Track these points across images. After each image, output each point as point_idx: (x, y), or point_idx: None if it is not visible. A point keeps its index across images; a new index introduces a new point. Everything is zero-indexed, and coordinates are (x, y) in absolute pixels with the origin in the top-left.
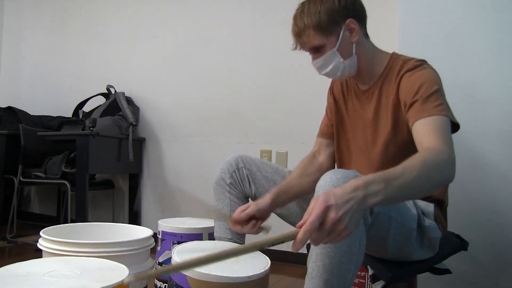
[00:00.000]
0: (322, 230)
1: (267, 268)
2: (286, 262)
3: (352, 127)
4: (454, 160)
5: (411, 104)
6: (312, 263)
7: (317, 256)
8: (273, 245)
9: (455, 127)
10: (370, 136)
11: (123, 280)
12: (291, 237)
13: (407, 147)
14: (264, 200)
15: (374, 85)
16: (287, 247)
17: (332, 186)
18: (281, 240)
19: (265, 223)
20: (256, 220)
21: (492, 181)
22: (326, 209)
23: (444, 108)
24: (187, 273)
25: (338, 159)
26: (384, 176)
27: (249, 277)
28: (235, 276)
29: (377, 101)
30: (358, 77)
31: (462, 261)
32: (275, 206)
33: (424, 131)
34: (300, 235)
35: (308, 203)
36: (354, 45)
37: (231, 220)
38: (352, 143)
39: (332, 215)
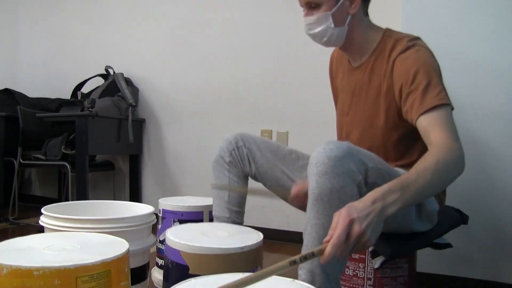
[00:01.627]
0: (348, 243)
1: (259, 240)
2: (281, 240)
3: (346, 104)
4: (463, 154)
5: (409, 94)
6: (307, 235)
7: (312, 227)
8: (304, 260)
9: None
10: (362, 114)
11: (123, 253)
12: (320, 252)
13: (397, 127)
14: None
15: (365, 62)
16: (287, 226)
17: (326, 156)
18: (311, 255)
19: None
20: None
21: (489, 159)
22: (350, 223)
23: (443, 96)
24: (180, 248)
25: (337, 136)
26: (400, 184)
27: (242, 248)
28: (228, 247)
29: (368, 79)
30: (350, 53)
31: (461, 238)
32: None
33: (430, 126)
34: (328, 249)
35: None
36: (350, 16)
37: (294, 196)
38: (347, 119)
39: (357, 228)
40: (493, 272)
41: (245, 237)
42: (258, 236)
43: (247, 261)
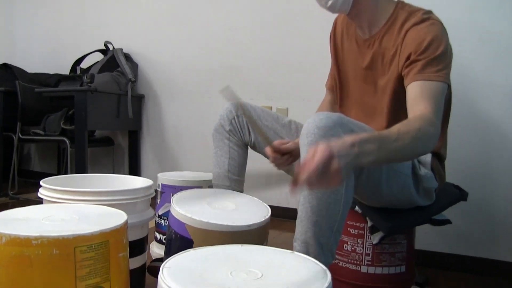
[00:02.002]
0: (323, 176)
1: (267, 217)
2: (280, 217)
3: (349, 76)
4: (439, 133)
5: (414, 61)
6: (300, 206)
7: (305, 198)
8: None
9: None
10: (366, 85)
11: (121, 224)
12: (290, 179)
13: (398, 99)
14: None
15: (376, 35)
16: (286, 203)
17: (316, 126)
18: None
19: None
20: (289, 156)
21: (490, 136)
22: (331, 157)
23: (444, 74)
24: (186, 221)
25: (339, 109)
26: (380, 138)
27: (249, 225)
28: (235, 224)
29: (376, 51)
30: (358, 22)
31: (459, 216)
32: None
33: (419, 95)
34: (303, 176)
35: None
36: None
37: (273, 146)
38: (349, 91)
39: (334, 165)
40: (489, 250)
41: (253, 213)
42: (266, 212)
43: (253, 238)
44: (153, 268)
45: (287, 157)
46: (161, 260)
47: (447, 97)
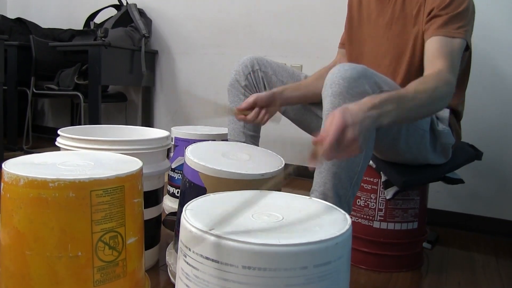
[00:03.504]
0: (339, 148)
1: (281, 167)
2: (299, 176)
3: (364, 36)
4: (453, 92)
5: (435, 16)
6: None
7: None
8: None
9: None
10: (382, 45)
11: (137, 170)
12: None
13: (417, 61)
14: (265, 91)
15: None
16: (299, 161)
17: (340, 77)
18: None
19: (275, 116)
20: (260, 109)
21: (506, 98)
22: (344, 128)
23: (464, 31)
24: (200, 169)
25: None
26: (398, 97)
27: (262, 174)
28: (248, 173)
29: (400, 9)
30: None
31: (473, 175)
32: (278, 98)
33: (438, 51)
34: (320, 152)
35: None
36: None
37: (234, 111)
38: (364, 51)
39: (350, 135)
40: (501, 210)
41: (267, 162)
42: (280, 162)
43: (266, 188)
44: (169, 222)
45: (256, 110)
46: (175, 214)
47: (466, 57)
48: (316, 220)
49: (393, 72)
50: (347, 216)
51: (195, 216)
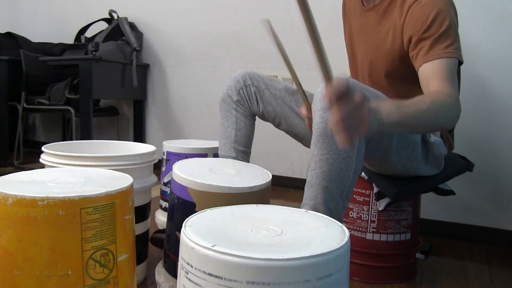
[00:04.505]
0: (354, 118)
1: (268, 180)
2: (285, 186)
3: (356, 47)
4: (460, 106)
5: (419, 41)
6: (311, 171)
7: (315, 163)
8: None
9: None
10: (371, 56)
11: (127, 187)
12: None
13: (396, 71)
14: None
15: (378, 4)
16: (291, 173)
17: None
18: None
19: None
20: None
21: (495, 107)
22: (364, 100)
23: (453, 49)
24: (188, 184)
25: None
26: (395, 103)
27: (250, 187)
28: (237, 186)
29: (378, 22)
30: None
31: (465, 186)
32: None
33: (431, 75)
34: (336, 116)
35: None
36: None
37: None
38: (356, 64)
39: (365, 108)
40: (493, 219)
41: (254, 176)
42: (267, 176)
43: (255, 200)
44: (156, 239)
45: None
46: (163, 231)
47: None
48: (314, 233)
49: (381, 83)
50: (344, 228)
51: (196, 233)
